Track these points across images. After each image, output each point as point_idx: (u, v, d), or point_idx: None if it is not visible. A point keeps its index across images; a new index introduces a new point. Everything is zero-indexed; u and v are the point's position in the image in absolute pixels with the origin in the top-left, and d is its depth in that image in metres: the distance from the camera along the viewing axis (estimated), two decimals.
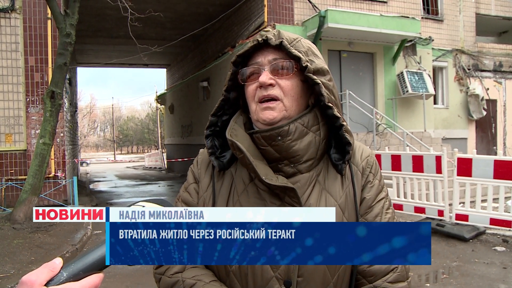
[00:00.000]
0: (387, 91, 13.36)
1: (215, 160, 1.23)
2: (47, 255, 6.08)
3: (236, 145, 1.11)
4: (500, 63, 16.28)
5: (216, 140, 1.25)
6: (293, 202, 1.11)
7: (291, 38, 1.17)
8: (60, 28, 7.08)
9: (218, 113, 1.25)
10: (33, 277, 0.71)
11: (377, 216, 1.20)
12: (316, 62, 1.16)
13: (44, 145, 6.87)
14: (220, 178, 1.23)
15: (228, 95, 1.24)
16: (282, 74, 1.15)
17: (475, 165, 6.90)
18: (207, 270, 1.17)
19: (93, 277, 0.74)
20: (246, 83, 1.18)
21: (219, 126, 1.26)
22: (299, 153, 1.15)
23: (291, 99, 1.16)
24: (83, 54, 20.81)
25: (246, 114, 1.25)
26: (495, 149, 15.79)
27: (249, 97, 1.18)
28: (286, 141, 1.13)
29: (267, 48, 1.16)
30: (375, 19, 11.70)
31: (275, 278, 1.09)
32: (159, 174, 25.46)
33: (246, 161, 1.10)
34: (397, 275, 1.15)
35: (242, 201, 1.16)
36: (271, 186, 1.10)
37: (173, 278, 1.15)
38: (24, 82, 10.14)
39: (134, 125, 70.13)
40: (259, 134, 1.15)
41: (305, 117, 1.16)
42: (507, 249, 6.27)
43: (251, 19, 12.94)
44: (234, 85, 1.23)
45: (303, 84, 1.18)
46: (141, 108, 76.68)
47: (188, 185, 1.29)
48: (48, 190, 9.99)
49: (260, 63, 1.16)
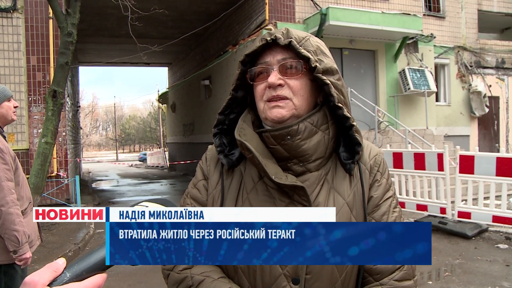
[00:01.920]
0: (388, 89, 13.34)
1: (224, 158, 1.24)
2: (50, 254, 6.10)
3: (245, 145, 1.11)
4: (503, 60, 16.23)
5: (224, 138, 1.26)
6: (302, 200, 1.12)
7: (300, 37, 1.16)
8: (61, 28, 7.07)
9: (226, 111, 1.26)
10: (36, 278, 0.70)
11: (384, 214, 1.21)
12: (325, 61, 1.16)
13: (46, 144, 6.87)
14: (229, 175, 1.24)
15: (236, 94, 1.24)
16: (291, 74, 1.14)
17: (477, 162, 6.89)
18: (215, 266, 1.18)
19: (96, 277, 0.74)
20: (255, 82, 1.18)
21: (227, 124, 1.26)
22: (308, 152, 1.15)
23: (300, 98, 1.16)
24: (85, 53, 20.84)
25: (254, 112, 1.24)
26: (497, 146, 15.75)
27: (258, 96, 1.18)
28: (295, 140, 1.13)
29: (275, 47, 1.16)
30: (377, 16, 11.68)
31: (284, 276, 1.10)
32: (161, 172, 25.50)
33: (255, 161, 1.10)
34: (403, 273, 1.16)
35: (251, 199, 1.17)
36: (280, 184, 1.10)
37: (182, 274, 1.16)
38: (26, 81, 10.16)
39: (136, 124, 70.23)
40: (268, 133, 1.15)
41: (314, 116, 1.16)
42: (510, 247, 6.26)
43: (252, 17, 12.93)
44: (242, 84, 1.22)
45: (312, 83, 1.17)
46: (143, 107, 76.88)
47: (197, 181, 1.29)
48: (50, 189, 10.02)
49: (268, 62, 1.16)
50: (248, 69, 1.19)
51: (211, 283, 1.11)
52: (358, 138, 1.19)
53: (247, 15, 13.31)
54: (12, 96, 3.10)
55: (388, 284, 1.15)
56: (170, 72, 25.55)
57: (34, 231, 2.96)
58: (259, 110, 1.20)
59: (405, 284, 1.16)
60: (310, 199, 1.11)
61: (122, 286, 5.22)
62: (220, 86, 15.01)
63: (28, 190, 3.03)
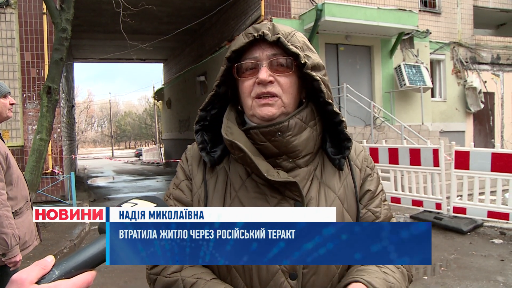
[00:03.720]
0: (384, 84, 13.35)
1: (206, 155, 1.22)
2: (45, 251, 6.08)
3: (236, 145, 1.09)
4: (498, 56, 16.27)
5: (206, 135, 1.24)
6: (294, 195, 1.12)
7: (286, 32, 1.15)
8: (55, 23, 7.01)
9: (208, 107, 1.24)
10: (23, 275, 0.69)
11: (377, 207, 1.24)
12: (312, 57, 1.16)
13: (41, 141, 6.83)
14: (214, 174, 1.22)
15: (219, 90, 1.22)
16: (281, 72, 1.13)
17: (472, 158, 6.91)
18: (206, 268, 1.16)
19: (85, 274, 0.73)
20: (242, 78, 1.16)
21: (208, 120, 1.24)
22: (299, 148, 1.15)
23: (289, 96, 1.15)
24: (80, 50, 20.72)
25: (235, 108, 1.23)
26: (493, 141, 15.81)
27: (245, 93, 1.16)
28: (286, 136, 1.13)
29: (263, 42, 1.14)
30: (372, 12, 11.67)
31: (281, 271, 1.10)
32: (156, 169, 25.46)
33: (247, 160, 1.09)
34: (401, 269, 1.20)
35: (241, 197, 1.16)
36: (272, 181, 1.10)
37: (172, 278, 1.12)
38: (20, 77, 10.10)
39: (132, 120, 70.02)
40: (257, 130, 1.14)
41: (303, 112, 1.16)
42: (504, 242, 6.30)
43: (247, 13, 12.89)
44: (225, 80, 1.21)
45: (299, 80, 1.17)
46: (139, 103, 76.58)
47: (179, 182, 1.26)
48: (45, 186, 9.98)
49: (258, 58, 1.14)
50: (235, 64, 1.17)
51: (204, 285, 1.08)
52: (348, 133, 1.20)
53: (242, 10, 13.27)
54: (10, 93, 3.07)
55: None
56: (166, 68, 25.46)
57: (30, 231, 2.89)
58: (246, 106, 1.18)
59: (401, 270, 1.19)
60: (302, 194, 1.11)
61: (118, 282, 5.22)
62: None
63: (25, 189, 2.94)
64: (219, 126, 1.19)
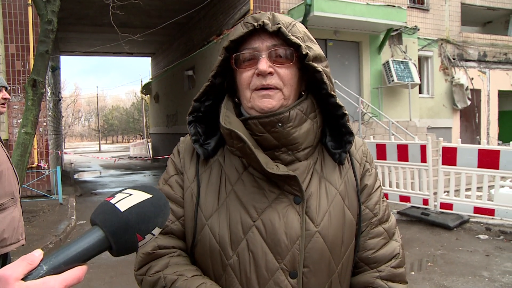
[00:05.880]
0: (372, 80, 13.39)
1: (200, 147, 1.18)
2: (30, 247, 5.99)
3: (236, 134, 1.05)
4: (485, 53, 16.42)
5: (199, 126, 1.20)
6: (293, 190, 1.09)
7: (287, 22, 1.10)
8: (41, 15, 6.88)
9: (202, 98, 1.20)
10: (8, 272, 0.63)
11: (376, 204, 1.23)
12: (314, 48, 1.11)
13: (26, 135, 6.72)
14: (207, 167, 1.18)
15: (214, 81, 1.17)
16: (282, 63, 1.09)
17: (459, 154, 6.96)
18: (190, 266, 1.13)
19: (76, 269, 0.67)
20: (241, 69, 1.11)
21: (202, 111, 1.20)
22: (299, 140, 1.11)
23: (290, 88, 1.11)
24: (66, 43, 20.45)
25: (232, 99, 1.19)
26: (478, 138, 15.97)
27: (244, 84, 1.12)
28: (286, 127, 1.09)
29: (263, 32, 1.09)
30: (361, 7, 11.68)
31: (281, 270, 1.06)
32: (144, 163, 25.28)
33: (247, 151, 1.05)
34: (399, 261, 1.21)
35: (237, 191, 1.11)
36: (270, 174, 1.06)
37: (155, 277, 1.10)
38: (5, 70, 9.92)
39: (119, 115, 69.42)
40: (256, 120, 1.09)
41: (303, 104, 1.12)
42: (490, 237, 6.36)
43: (236, 7, 12.81)
44: (221, 70, 1.16)
45: (299, 71, 1.13)
46: (126, 98, 76.07)
47: (169, 177, 1.22)
48: (31, 181, 9.86)
49: (257, 48, 1.09)
50: (233, 55, 1.12)
51: (184, 281, 1.05)
52: (350, 127, 1.16)
53: (231, 4, 13.19)
54: (7, 88, 2.99)
55: (386, 271, 1.18)
56: (154, 62, 25.26)
57: (11, 228, 2.76)
58: (244, 98, 1.13)
59: (400, 271, 1.20)
60: (302, 189, 1.08)
61: (104, 278, 5.16)
62: (203, 77, 14.86)
63: (11, 184, 2.83)
64: (213, 118, 1.16)
